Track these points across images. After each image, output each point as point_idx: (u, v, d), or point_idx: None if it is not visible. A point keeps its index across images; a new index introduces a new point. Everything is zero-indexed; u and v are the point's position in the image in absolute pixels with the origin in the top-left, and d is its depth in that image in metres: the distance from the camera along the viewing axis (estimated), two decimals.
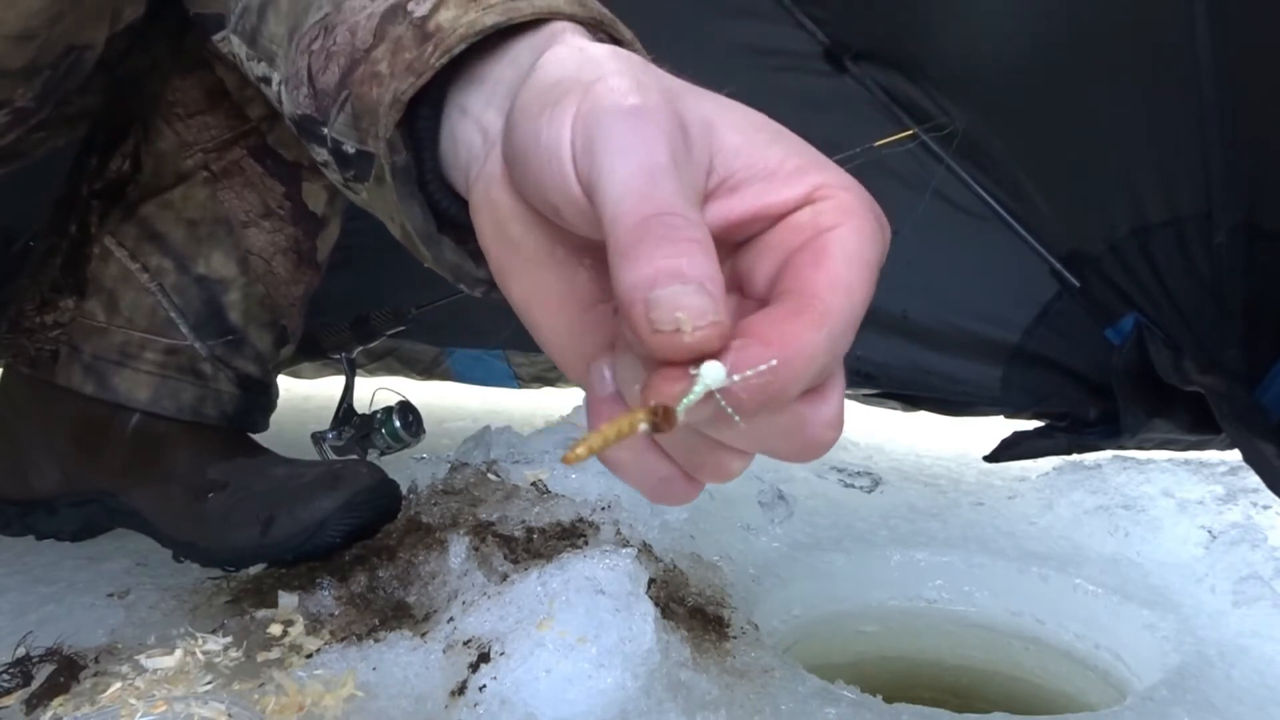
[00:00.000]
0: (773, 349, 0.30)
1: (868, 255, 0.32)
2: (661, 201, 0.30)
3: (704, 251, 0.30)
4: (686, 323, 0.29)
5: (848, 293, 0.31)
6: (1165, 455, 1.22)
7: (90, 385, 0.86)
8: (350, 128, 0.47)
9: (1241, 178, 1.06)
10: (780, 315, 0.31)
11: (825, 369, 0.31)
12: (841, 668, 0.96)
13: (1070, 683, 0.97)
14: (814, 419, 0.33)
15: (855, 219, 0.33)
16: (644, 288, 0.29)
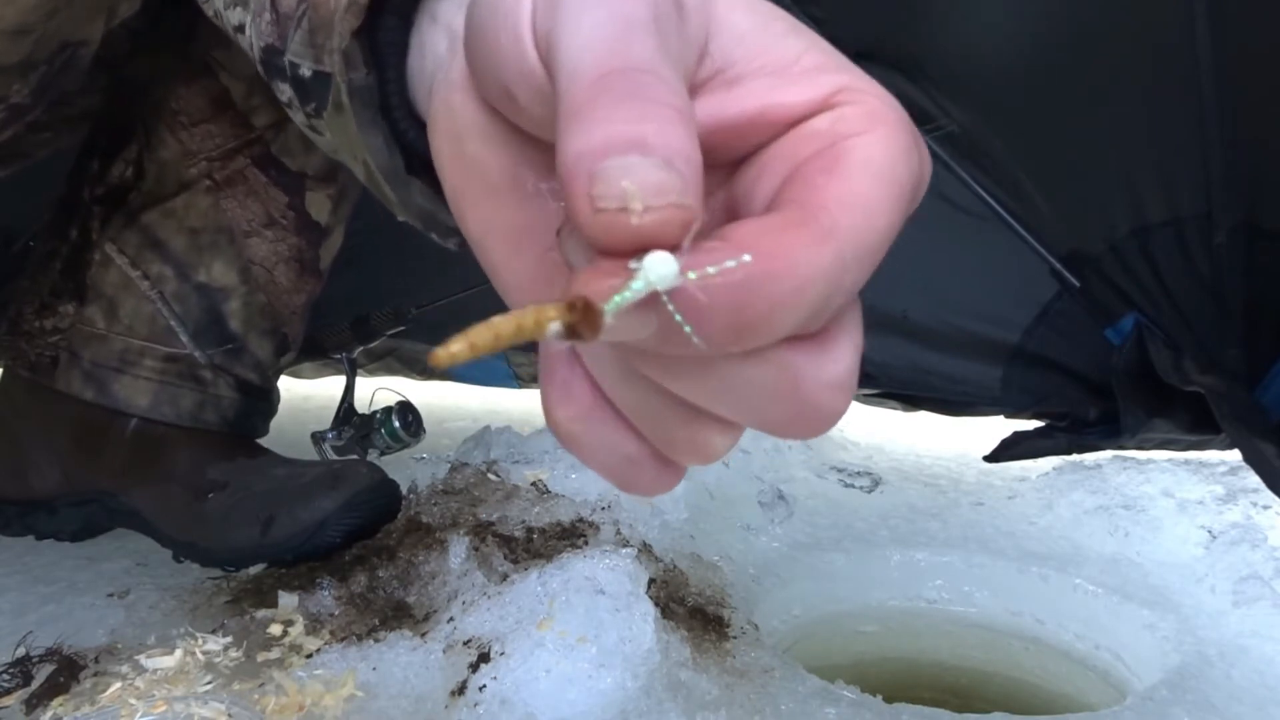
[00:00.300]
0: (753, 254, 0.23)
1: (898, 173, 0.26)
2: (632, 56, 0.24)
3: (679, 120, 0.23)
4: (636, 197, 0.22)
5: (866, 212, 0.25)
6: (1165, 455, 1.22)
7: (90, 392, 0.86)
8: (306, 45, 0.42)
9: (1241, 178, 1.06)
10: (773, 223, 0.24)
11: (826, 303, 0.24)
12: (841, 668, 0.96)
13: (1070, 683, 0.97)
14: (812, 374, 0.25)
15: (885, 128, 0.26)
16: (592, 156, 0.22)
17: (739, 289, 0.23)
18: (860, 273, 0.25)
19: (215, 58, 0.83)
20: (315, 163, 0.87)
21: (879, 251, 0.25)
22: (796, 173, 0.26)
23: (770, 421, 0.27)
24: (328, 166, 0.87)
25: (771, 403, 0.26)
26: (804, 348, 0.26)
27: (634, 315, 0.23)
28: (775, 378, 0.25)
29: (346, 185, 0.89)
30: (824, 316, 0.25)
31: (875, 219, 0.25)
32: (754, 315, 0.23)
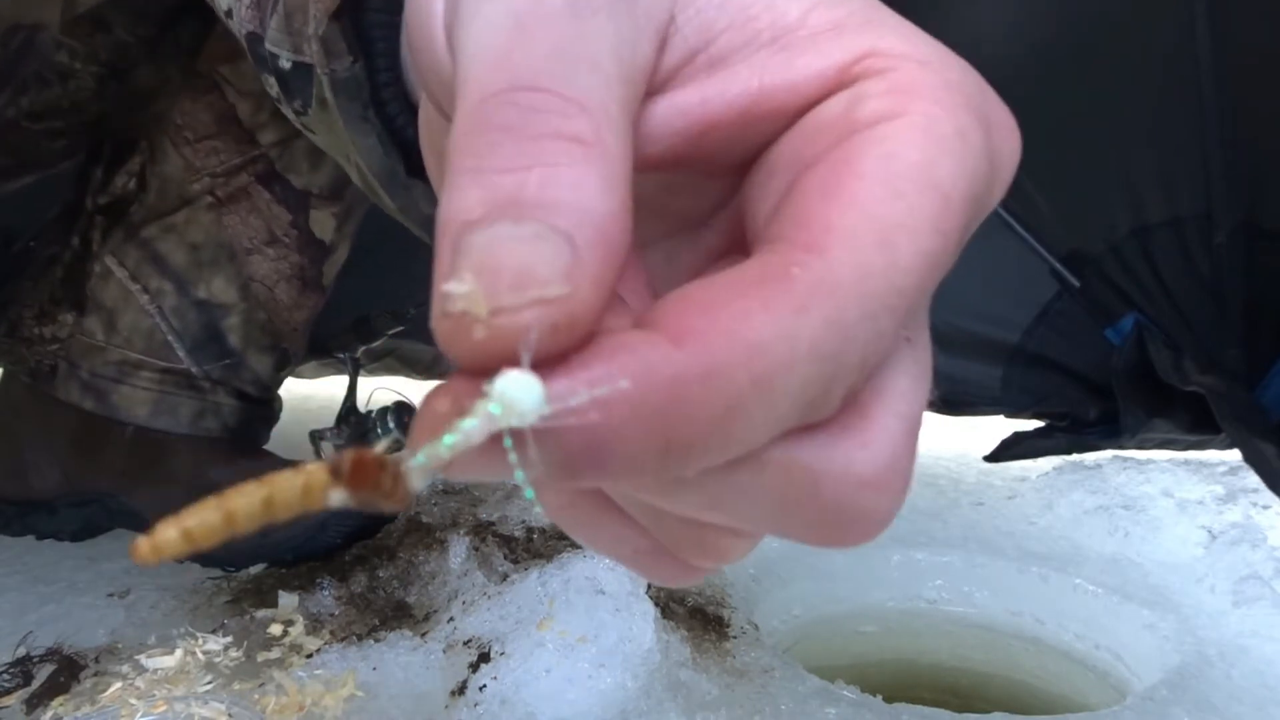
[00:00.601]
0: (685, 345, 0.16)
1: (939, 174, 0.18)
2: (523, 69, 0.17)
3: (585, 159, 0.17)
4: (478, 300, 0.16)
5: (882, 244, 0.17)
6: (1165, 455, 1.22)
7: (89, 401, 0.86)
8: (283, 32, 0.35)
9: (1241, 178, 1.06)
10: (730, 287, 0.17)
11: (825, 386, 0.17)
12: (841, 668, 0.96)
13: (1070, 683, 0.97)
14: (835, 470, 0.18)
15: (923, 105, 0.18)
16: (454, 229, 0.16)
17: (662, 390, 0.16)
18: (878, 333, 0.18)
19: (221, 74, 0.83)
20: (321, 180, 0.86)
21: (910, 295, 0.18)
22: (793, 189, 0.19)
23: (792, 533, 0.20)
24: (334, 184, 0.87)
25: (784, 513, 0.19)
26: (818, 437, 0.18)
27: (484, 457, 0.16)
28: (781, 484, 0.18)
29: (353, 203, 0.89)
30: (832, 402, 0.18)
31: (900, 251, 0.17)
32: (693, 429, 0.16)
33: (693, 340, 0.16)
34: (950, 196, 0.18)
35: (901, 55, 0.20)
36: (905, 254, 0.18)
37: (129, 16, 0.75)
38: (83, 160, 0.88)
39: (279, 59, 0.36)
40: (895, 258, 0.17)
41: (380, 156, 0.33)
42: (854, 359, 0.17)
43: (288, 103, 0.38)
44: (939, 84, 0.19)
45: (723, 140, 0.21)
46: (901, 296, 0.18)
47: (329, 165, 0.85)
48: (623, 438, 0.16)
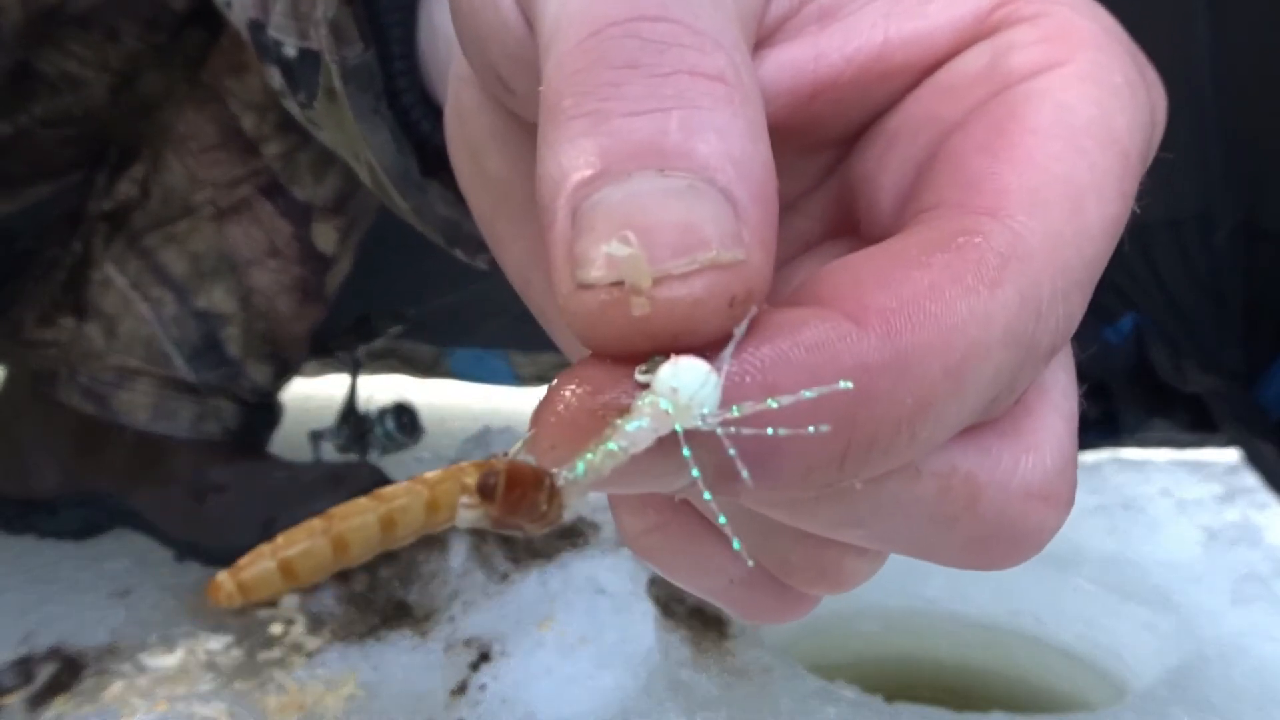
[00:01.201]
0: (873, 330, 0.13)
1: (1117, 126, 0.16)
2: (636, 4, 0.14)
3: (726, 97, 0.14)
4: (640, 267, 0.13)
5: (1072, 206, 0.15)
6: (1165, 455, 1.22)
7: (90, 406, 0.86)
8: (289, 17, 0.32)
9: (1241, 178, 1.06)
10: (905, 257, 0.14)
11: (1012, 378, 0.15)
12: (841, 668, 0.96)
13: (1070, 682, 0.98)
14: (997, 480, 0.16)
15: (1086, 52, 0.16)
16: (574, 184, 0.14)
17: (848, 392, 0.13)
18: (1067, 313, 0.15)
19: (226, 85, 0.83)
20: (324, 193, 0.86)
21: (1096, 266, 0.15)
22: (945, 150, 0.16)
23: (933, 553, 0.17)
24: (337, 197, 0.86)
25: (935, 530, 0.16)
26: (981, 439, 0.16)
27: (649, 461, 0.13)
28: (937, 496, 0.16)
29: (357, 216, 0.89)
30: (1011, 397, 0.16)
31: (1088, 215, 0.15)
32: (881, 432, 0.14)
33: (879, 321, 0.13)
34: (1129, 153, 0.16)
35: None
36: (1094, 220, 0.15)
37: (139, 25, 0.75)
38: (87, 164, 0.89)
39: (283, 46, 0.33)
40: (1085, 224, 0.15)
41: (393, 153, 0.30)
42: (1045, 344, 0.15)
43: (291, 95, 0.34)
44: (1099, 30, 0.17)
45: (834, 103, 0.17)
46: (1089, 270, 0.15)
47: (333, 178, 0.85)
48: (801, 444, 0.13)
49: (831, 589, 0.19)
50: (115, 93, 0.77)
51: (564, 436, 0.13)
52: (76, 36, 0.73)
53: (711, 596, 0.20)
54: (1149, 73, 0.18)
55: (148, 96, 0.83)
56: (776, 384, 0.13)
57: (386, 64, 0.29)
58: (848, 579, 0.19)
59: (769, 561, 0.19)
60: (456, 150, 0.23)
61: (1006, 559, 0.17)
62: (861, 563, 0.19)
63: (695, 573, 0.20)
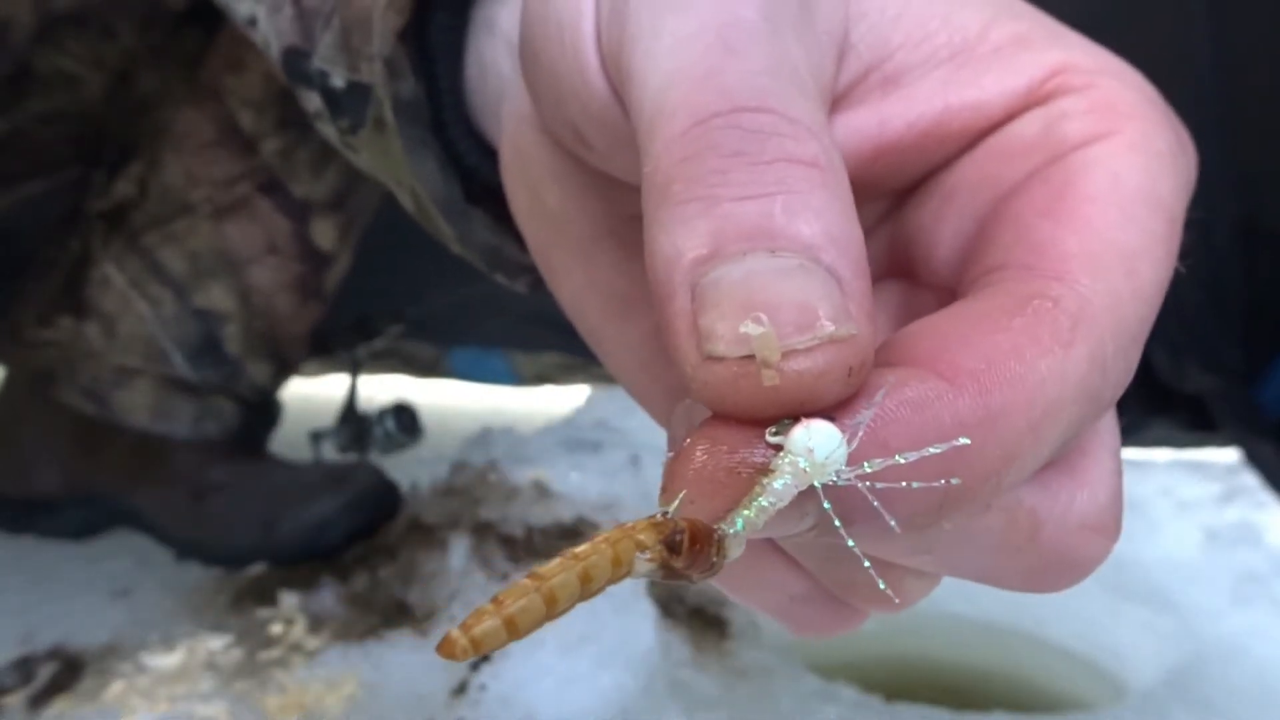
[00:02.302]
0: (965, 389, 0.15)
1: (1163, 194, 0.18)
2: (740, 88, 0.16)
3: (822, 181, 0.15)
4: (771, 343, 0.14)
5: (1128, 270, 0.17)
6: (1164, 455, 1.22)
7: (90, 407, 0.86)
8: (338, 49, 0.33)
9: (1241, 178, 1.06)
10: (986, 320, 0.16)
11: (1078, 428, 0.17)
12: (841, 668, 0.96)
13: (1070, 682, 0.98)
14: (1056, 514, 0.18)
15: (1134, 123, 0.18)
16: (691, 266, 0.15)
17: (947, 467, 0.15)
18: (1126, 368, 0.17)
19: (224, 83, 0.83)
20: (322, 190, 0.86)
21: (1148, 324, 0.17)
22: (1003, 212, 0.17)
23: (996, 578, 0.19)
24: (336, 194, 0.86)
25: (998, 559, 0.18)
26: (1043, 479, 0.18)
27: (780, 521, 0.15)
28: (1002, 528, 0.17)
29: (355, 213, 0.89)
30: (1075, 444, 0.18)
31: (1142, 276, 0.17)
32: (974, 481, 0.15)
33: (971, 381, 0.15)
34: (1175, 217, 0.18)
35: (1096, 70, 0.18)
36: (1148, 280, 0.17)
37: (136, 23, 0.75)
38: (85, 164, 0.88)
39: (329, 77, 0.34)
40: (1139, 285, 0.17)
41: (440, 182, 0.31)
42: (1108, 396, 0.17)
43: (331, 120, 0.35)
44: (1142, 100, 0.18)
45: (895, 163, 0.19)
46: (1143, 326, 0.17)
47: (331, 175, 0.85)
48: (906, 495, 0.15)
49: (890, 609, 0.20)
50: (111, 91, 0.77)
51: (703, 492, 0.15)
52: (73, 35, 0.73)
53: (771, 611, 0.22)
54: (1184, 135, 0.19)
55: (145, 95, 0.83)
56: (887, 441, 0.15)
57: (434, 98, 0.30)
58: (905, 598, 0.20)
59: (832, 581, 0.20)
60: (513, 184, 0.24)
61: (1061, 584, 0.19)
62: (920, 583, 0.20)
63: (757, 590, 0.21)
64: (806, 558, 0.20)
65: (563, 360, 1.35)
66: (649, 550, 0.15)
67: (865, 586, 0.20)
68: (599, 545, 0.15)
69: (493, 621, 0.15)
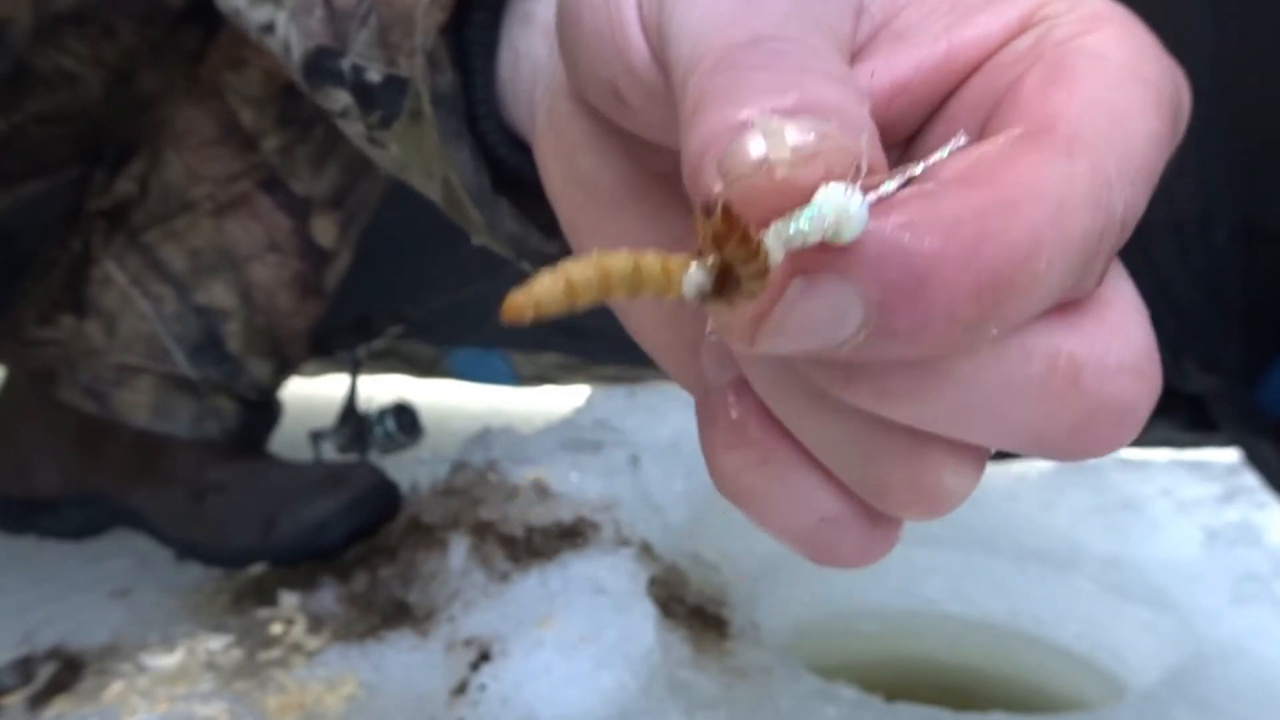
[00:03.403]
0: (979, 186, 0.16)
1: (1148, 72, 0.19)
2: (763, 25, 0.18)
3: (834, 82, 0.18)
4: (781, 145, 0.16)
5: (1116, 117, 0.18)
6: (1164, 455, 1.22)
7: (90, 405, 0.86)
8: (375, 46, 0.35)
9: (1241, 178, 1.06)
10: (990, 147, 0.18)
11: (1098, 245, 0.18)
12: (841, 668, 0.96)
13: (1070, 682, 0.98)
14: (1095, 357, 0.18)
15: (1114, 24, 0.20)
16: (721, 138, 0.17)
17: (971, 221, 0.16)
18: (1132, 196, 0.18)
19: (225, 80, 0.83)
20: (323, 187, 0.86)
21: (1148, 168, 0.19)
22: (1004, 99, 0.19)
23: (1041, 437, 0.19)
24: (336, 191, 0.87)
25: (1040, 410, 0.18)
26: (1075, 321, 0.18)
27: (823, 297, 0.16)
28: (1042, 371, 0.18)
29: (355, 210, 0.89)
30: (1097, 268, 0.18)
31: (1132, 124, 0.18)
32: (1005, 263, 0.16)
33: (984, 182, 0.17)
34: (1161, 91, 0.19)
35: None
36: (1137, 129, 0.18)
37: (134, 21, 0.75)
38: (86, 164, 0.88)
39: (365, 72, 0.36)
40: (1129, 130, 0.18)
41: (472, 169, 0.33)
42: (1119, 212, 0.18)
43: (362, 117, 0.37)
44: (1124, 16, 0.20)
45: (908, 105, 0.21)
46: (1139, 166, 0.18)
47: (331, 172, 0.85)
48: (940, 268, 0.16)
49: (928, 511, 0.20)
50: (111, 89, 0.77)
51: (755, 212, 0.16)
52: (73, 33, 0.73)
53: (798, 537, 0.22)
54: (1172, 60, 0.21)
55: (145, 93, 0.83)
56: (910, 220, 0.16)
57: (468, 89, 0.32)
58: (944, 499, 0.20)
59: (868, 486, 0.20)
60: (548, 155, 0.26)
61: (1108, 437, 0.19)
62: (959, 480, 0.20)
63: (789, 510, 0.21)
64: (841, 458, 0.20)
65: (563, 360, 1.35)
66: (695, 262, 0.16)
67: (904, 487, 0.20)
68: (648, 253, 0.16)
69: (553, 281, 0.15)
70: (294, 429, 1.10)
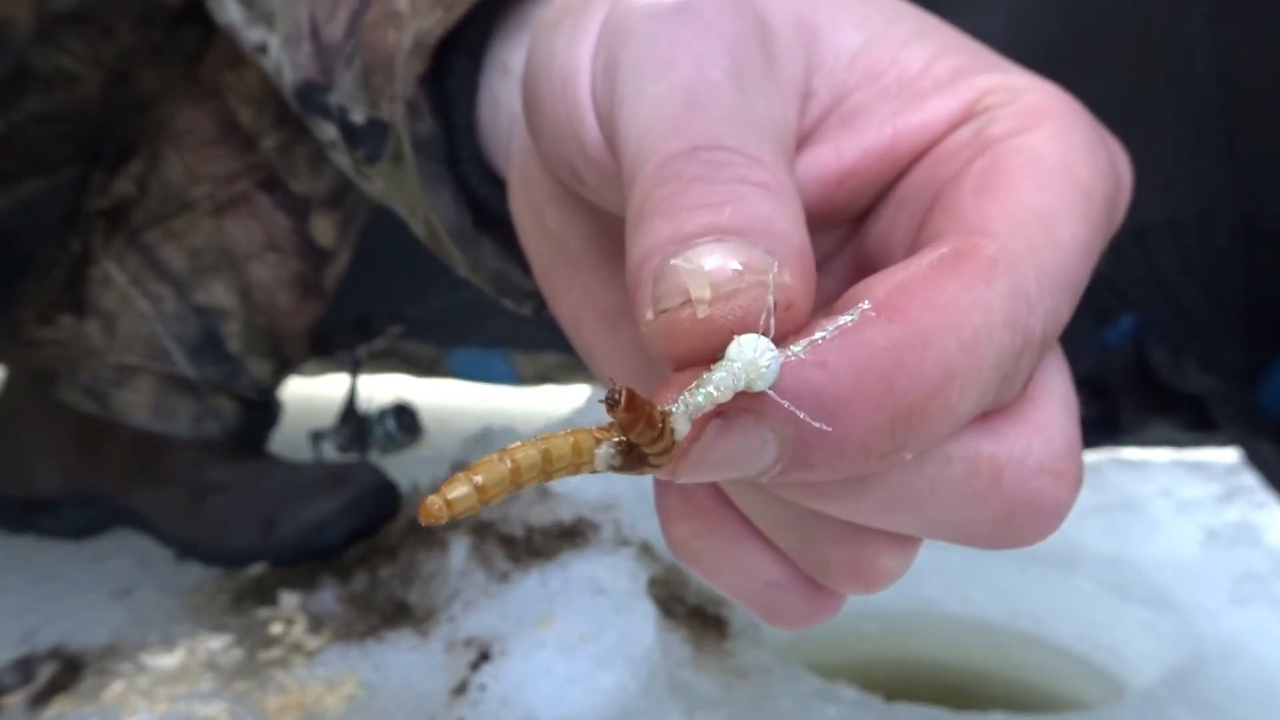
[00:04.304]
0: (895, 319, 0.17)
1: (1079, 172, 0.20)
2: (702, 132, 0.19)
3: (767, 195, 0.18)
4: (700, 278, 0.17)
5: (1043, 225, 0.19)
6: (1164, 455, 1.22)
7: (90, 405, 0.86)
8: (359, 87, 0.36)
9: (1241, 178, 1.06)
10: (913, 268, 0.18)
11: (1015, 361, 0.18)
12: (841, 668, 0.96)
13: (1070, 682, 0.98)
14: (1016, 459, 0.19)
15: (1052, 121, 0.20)
16: (654, 260, 0.18)
17: (883, 357, 0.17)
18: (1053, 309, 0.19)
19: (224, 80, 0.83)
20: (322, 187, 0.86)
21: (1072, 276, 0.19)
22: (939, 199, 0.20)
23: (966, 531, 0.20)
24: (335, 190, 0.87)
25: (963, 508, 0.19)
26: (997, 426, 0.19)
27: (739, 437, 0.17)
28: (962, 474, 0.19)
29: (354, 209, 0.89)
30: (1017, 382, 0.19)
31: (1058, 232, 0.19)
32: (916, 395, 0.17)
33: (901, 313, 0.17)
34: (1092, 192, 0.20)
35: (1024, 88, 0.21)
36: (1064, 235, 0.19)
37: (133, 21, 0.75)
38: (85, 164, 0.88)
39: (349, 113, 0.36)
40: (1056, 237, 0.19)
41: (452, 212, 0.33)
42: (1038, 331, 0.19)
43: (348, 151, 0.38)
44: (1064, 108, 0.21)
45: (855, 188, 0.22)
46: (1067, 275, 0.19)
47: (330, 172, 0.85)
48: (851, 407, 0.16)
49: (865, 589, 0.21)
50: (110, 89, 0.77)
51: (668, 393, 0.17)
52: (72, 33, 0.73)
53: (745, 599, 0.23)
54: (1110, 139, 0.22)
55: (144, 93, 0.83)
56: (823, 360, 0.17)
57: (449, 134, 0.33)
58: (880, 578, 0.21)
59: (808, 563, 0.22)
60: (520, 211, 0.28)
61: (1031, 531, 0.20)
62: (894, 562, 0.21)
63: (734, 575, 0.23)
64: (782, 535, 0.21)
65: (563, 360, 1.35)
66: (602, 441, 0.17)
67: (841, 567, 0.21)
68: (560, 434, 0.17)
69: (465, 487, 0.17)
70: (294, 429, 1.10)
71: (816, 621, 0.23)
